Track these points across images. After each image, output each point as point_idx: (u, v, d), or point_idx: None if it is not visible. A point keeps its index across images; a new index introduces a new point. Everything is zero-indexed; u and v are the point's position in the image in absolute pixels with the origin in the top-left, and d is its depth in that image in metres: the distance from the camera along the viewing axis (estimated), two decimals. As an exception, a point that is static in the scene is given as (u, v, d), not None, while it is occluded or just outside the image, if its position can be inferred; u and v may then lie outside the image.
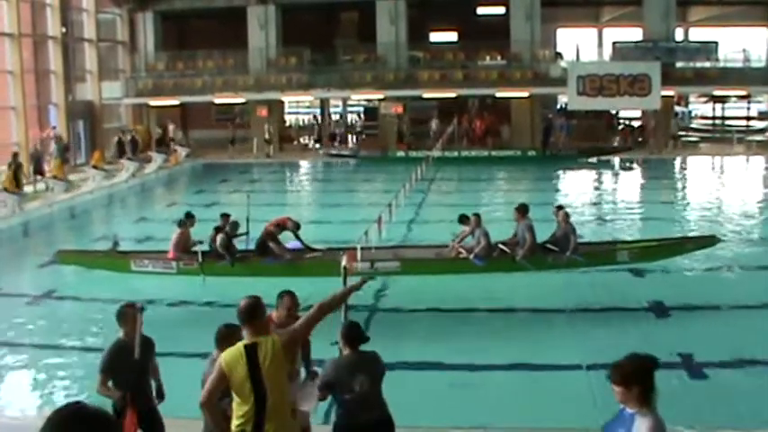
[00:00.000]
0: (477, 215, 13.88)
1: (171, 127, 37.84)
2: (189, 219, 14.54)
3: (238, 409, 5.36)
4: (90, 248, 17.08)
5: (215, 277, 13.71)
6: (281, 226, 14.13)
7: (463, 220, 14.03)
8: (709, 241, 14.68)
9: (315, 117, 45.73)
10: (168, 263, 13.97)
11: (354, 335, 6.19)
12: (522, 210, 13.85)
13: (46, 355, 11.11)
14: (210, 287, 13.56)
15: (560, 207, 14.39)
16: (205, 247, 13.97)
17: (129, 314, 6.62)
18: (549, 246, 13.82)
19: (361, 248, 13.00)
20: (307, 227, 17.94)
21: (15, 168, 23.60)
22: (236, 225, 14.16)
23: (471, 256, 13.51)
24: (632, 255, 14.13)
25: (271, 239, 13.80)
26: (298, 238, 14.39)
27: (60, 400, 9.42)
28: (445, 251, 14.22)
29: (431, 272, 13.95)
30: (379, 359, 6.25)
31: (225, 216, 14.28)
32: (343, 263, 8.39)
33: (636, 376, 4.64)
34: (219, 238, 13.75)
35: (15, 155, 25.26)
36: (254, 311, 5.47)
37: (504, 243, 13.90)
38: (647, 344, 10.82)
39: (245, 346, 5.35)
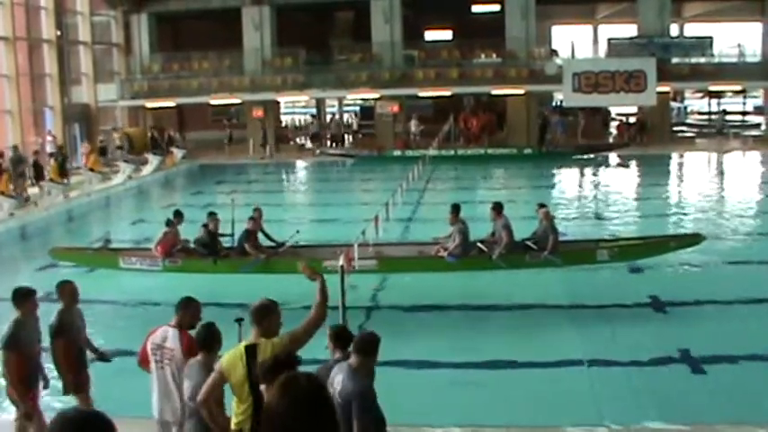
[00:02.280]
0: (454, 213, 13.95)
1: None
2: (176, 217, 14.94)
3: (237, 408, 5.42)
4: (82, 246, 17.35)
5: (198, 274, 14.07)
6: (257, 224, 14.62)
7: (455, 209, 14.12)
8: (693, 240, 14.56)
9: (312, 117, 45.75)
10: (155, 260, 14.39)
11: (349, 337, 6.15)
12: (498, 208, 13.92)
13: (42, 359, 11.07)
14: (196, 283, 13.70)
15: (542, 205, 14.37)
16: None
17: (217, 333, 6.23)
18: (528, 243, 13.85)
19: (344, 246, 13.11)
20: (304, 226, 18.03)
21: (62, 160, 26.63)
22: (216, 223, 14.68)
23: (446, 254, 13.61)
24: (612, 254, 14.05)
25: (246, 239, 14.19)
26: (266, 235, 14.82)
27: (56, 403, 9.41)
28: (428, 249, 14.34)
29: (408, 269, 14.16)
30: None
31: (212, 214, 14.79)
32: (341, 262, 8.40)
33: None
34: (199, 235, 14.34)
35: (60, 147, 28.87)
36: (266, 314, 5.53)
37: (482, 241, 13.98)
38: (646, 340, 10.89)
39: (246, 347, 5.41)
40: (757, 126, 42.14)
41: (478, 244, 13.95)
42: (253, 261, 14.09)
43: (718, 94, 43.27)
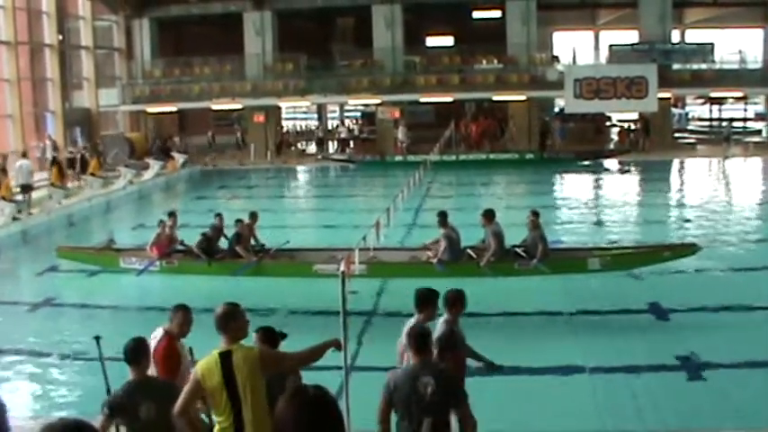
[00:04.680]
0: (441, 219, 13.95)
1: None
2: (171, 217, 15.28)
3: (217, 417, 5.32)
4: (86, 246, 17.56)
5: (195, 276, 14.39)
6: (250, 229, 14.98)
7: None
8: (688, 249, 14.38)
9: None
10: (153, 260, 14.71)
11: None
12: (489, 215, 13.86)
13: (45, 363, 11.07)
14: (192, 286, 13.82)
15: (534, 213, 14.14)
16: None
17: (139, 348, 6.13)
18: (517, 251, 13.79)
19: (339, 250, 13.17)
20: (305, 232, 18.05)
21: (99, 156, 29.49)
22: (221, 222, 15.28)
23: (435, 261, 13.59)
24: (604, 263, 13.93)
25: (237, 242, 14.41)
26: (255, 240, 15.17)
27: (59, 408, 9.41)
28: (419, 254, 14.38)
29: (397, 275, 14.18)
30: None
31: (218, 216, 15.37)
32: (341, 267, 8.36)
33: None
34: (197, 240, 14.67)
35: (96, 145, 32.18)
36: (230, 318, 5.41)
37: (472, 248, 13.95)
38: (647, 346, 10.85)
39: (220, 354, 5.29)
40: (759, 132, 42.12)
41: (468, 250, 13.93)
42: (246, 264, 14.28)
43: (720, 101, 43.28)
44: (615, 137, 41.83)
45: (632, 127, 39.27)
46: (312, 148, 41.65)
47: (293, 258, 14.80)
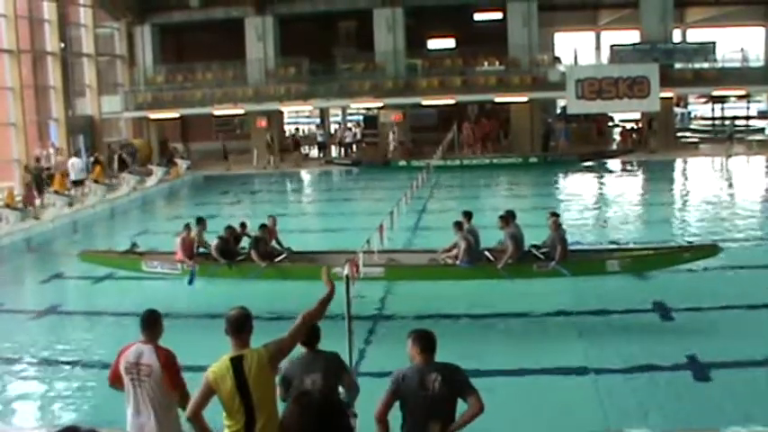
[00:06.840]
0: (457, 221, 13.97)
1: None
2: (200, 223, 15.50)
3: (227, 421, 5.33)
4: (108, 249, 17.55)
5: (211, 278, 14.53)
6: (269, 233, 15.05)
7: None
8: (708, 251, 14.17)
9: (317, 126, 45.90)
10: (174, 264, 14.75)
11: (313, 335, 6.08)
12: (507, 218, 13.85)
13: (49, 371, 11.08)
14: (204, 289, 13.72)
15: (554, 214, 14.13)
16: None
17: None
18: (534, 252, 13.76)
19: (353, 253, 13.15)
20: (310, 236, 18.03)
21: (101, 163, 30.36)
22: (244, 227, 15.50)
23: (458, 262, 13.62)
24: (624, 264, 13.81)
25: (254, 246, 14.45)
26: (278, 243, 15.30)
27: (64, 416, 9.41)
28: (437, 257, 14.36)
29: (413, 277, 14.20)
30: (337, 359, 6.14)
31: (242, 225, 15.51)
32: (346, 271, 8.34)
33: None
34: (215, 242, 14.68)
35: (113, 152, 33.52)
36: (243, 323, 5.46)
37: (490, 250, 13.94)
38: (652, 346, 10.83)
39: (231, 359, 5.32)
40: (761, 131, 42.09)
41: (486, 253, 13.91)
42: (258, 270, 14.26)
43: (722, 99, 43.22)
44: (618, 137, 41.80)
45: (634, 127, 39.27)
46: (314, 152, 41.63)
47: (312, 261, 14.71)
